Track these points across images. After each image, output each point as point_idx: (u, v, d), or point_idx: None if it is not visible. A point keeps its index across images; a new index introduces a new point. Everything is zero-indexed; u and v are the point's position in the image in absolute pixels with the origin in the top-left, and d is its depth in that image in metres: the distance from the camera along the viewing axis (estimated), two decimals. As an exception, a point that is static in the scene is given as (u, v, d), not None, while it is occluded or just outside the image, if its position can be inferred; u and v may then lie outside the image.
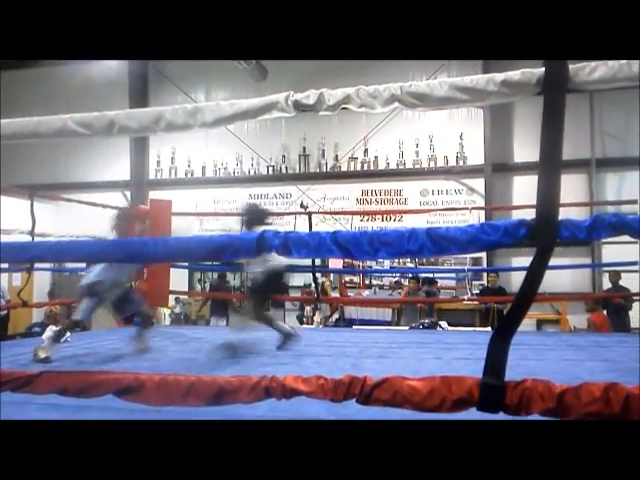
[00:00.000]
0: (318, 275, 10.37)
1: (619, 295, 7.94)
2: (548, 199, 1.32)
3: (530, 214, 1.37)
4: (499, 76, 1.52)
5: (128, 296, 4.45)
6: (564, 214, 1.32)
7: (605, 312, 8.16)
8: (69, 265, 9.83)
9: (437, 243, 1.37)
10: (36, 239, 4.92)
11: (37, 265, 5.67)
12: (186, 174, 12.24)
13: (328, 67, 9.82)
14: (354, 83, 1.82)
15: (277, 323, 4.53)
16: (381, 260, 10.48)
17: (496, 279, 8.71)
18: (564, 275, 9.33)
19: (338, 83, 1.98)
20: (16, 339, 7.18)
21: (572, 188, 9.82)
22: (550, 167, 1.34)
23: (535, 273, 1.31)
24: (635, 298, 7.87)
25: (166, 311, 10.11)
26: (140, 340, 4.34)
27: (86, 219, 9.62)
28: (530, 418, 1.29)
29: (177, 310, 10.45)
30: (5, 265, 6.31)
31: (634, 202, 6.20)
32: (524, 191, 10.14)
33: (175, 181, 12.08)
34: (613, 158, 10.32)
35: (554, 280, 8.41)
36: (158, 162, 12.46)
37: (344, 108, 1.71)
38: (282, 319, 10.96)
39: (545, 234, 1.31)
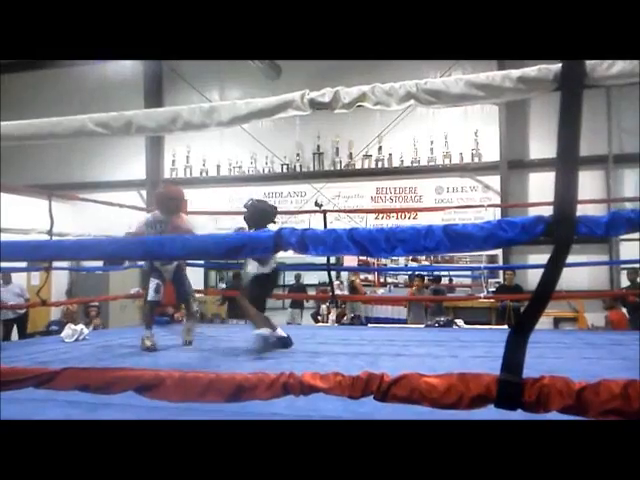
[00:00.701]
0: (347, 273, 10.42)
1: (637, 292, 7.85)
2: (566, 196, 1.31)
3: (547, 211, 1.36)
4: (515, 72, 1.52)
5: (182, 276, 4.77)
6: (581, 211, 1.31)
7: (624, 310, 8.08)
8: (86, 264, 9.94)
9: (454, 240, 1.37)
10: (54, 238, 4.98)
11: (55, 264, 5.75)
12: (201, 173, 12.33)
13: (341, 65, 9.82)
14: (367, 80, 1.82)
15: (270, 324, 4.19)
16: (396, 258, 10.47)
17: (512, 277, 8.65)
18: (582, 272, 9.23)
19: (351, 80, 1.98)
20: (35, 337, 7.28)
21: (589, 184, 9.73)
22: (567, 164, 1.33)
23: (552, 271, 1.30)
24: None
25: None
26: (149, 338, 4.39)
27: (102, 218, 9.74)
28: (547, 417, 1.28)
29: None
30: (24, 264, 6.40)
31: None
32: (540, 188, 10.05)
33: (190, 180, 12.14)
34: (631, 154, 10.17)
35: (572, 277, 8.36)
36: (173, 161, 12.56)
37: (359, 106, 1.71)
38: (300, 318, 11.00)
39: (563, 231, 1.30)
